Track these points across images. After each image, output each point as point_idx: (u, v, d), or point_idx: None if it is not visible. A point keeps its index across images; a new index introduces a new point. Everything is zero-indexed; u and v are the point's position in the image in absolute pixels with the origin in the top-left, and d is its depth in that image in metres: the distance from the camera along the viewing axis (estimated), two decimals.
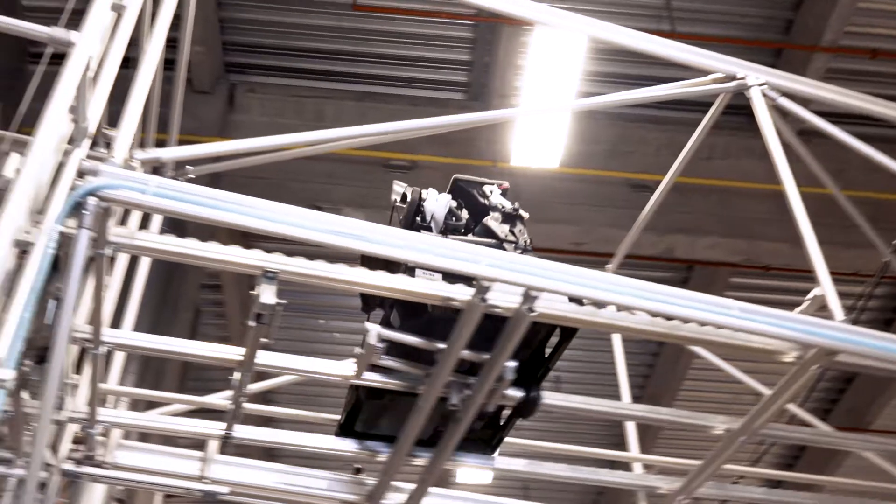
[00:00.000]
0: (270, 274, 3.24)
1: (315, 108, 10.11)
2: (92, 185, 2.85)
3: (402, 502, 4.36)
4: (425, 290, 3.38)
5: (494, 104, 9.78)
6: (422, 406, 3.76)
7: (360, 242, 3.14)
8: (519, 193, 10.13)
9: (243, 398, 3.70)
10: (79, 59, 2.71)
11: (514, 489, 13.21)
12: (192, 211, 2.98)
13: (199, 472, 4.12)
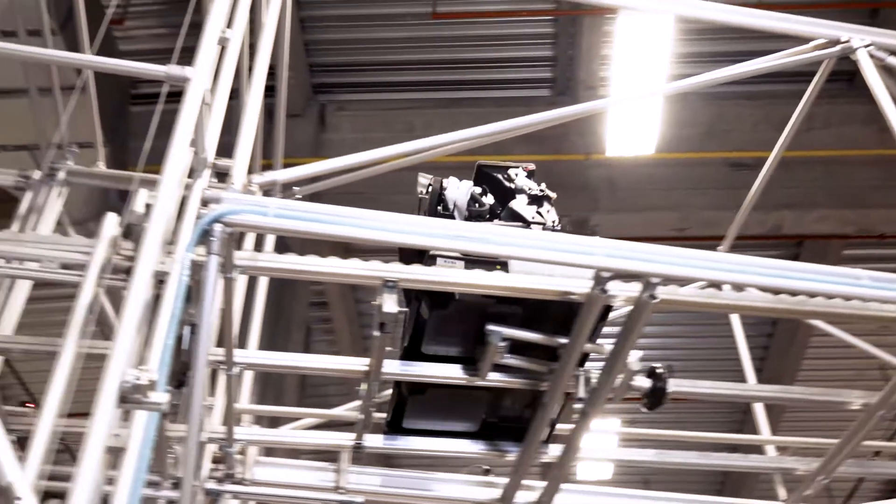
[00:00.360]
0: (391, 283, 3.30)
1: (404, 120, 10.23)
2: (217, 213, 2.97)
3: (534, 500, 4.36)
4: (544, 286, 3.38)
5: (582, 97, 9.72)
6: (547, 402, 3.76)
7: (477, 244, 3.17)
8: (615, 183, 10.10)
9: (373, 407, 3.77)
10: (195, 93, 2.82)
11: (635, 482, 13.07)
12: (313, 228, 3.07)
13: (333, 483, 4.21)
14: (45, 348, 3.79)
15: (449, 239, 3.18)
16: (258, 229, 3.08)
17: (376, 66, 10.31)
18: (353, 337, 12.11)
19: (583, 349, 3.49)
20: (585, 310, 3.31)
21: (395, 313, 3.28)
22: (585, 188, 9.83)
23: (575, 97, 9.81)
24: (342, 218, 3.15)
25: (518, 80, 10.32)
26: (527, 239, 3.28)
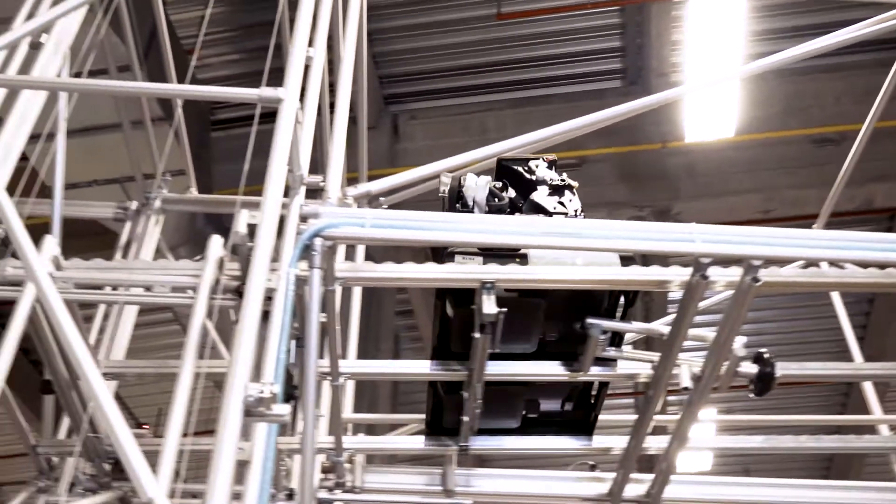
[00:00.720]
0: (489, 285, 3.33)
1: (477, 123, 10.27)
2: (317, 227, 3.04)
3: (643, 494, 4.32)
4: (642, 277, 3.37)
5: (655, 85, 9.61)
6: (653, 397, 3.74)
7: (572, 240, 3.18)
8: (694, 170, 9.94)
9: (477, 409, 3.79)
10: (288, 113, 2.90)
11: (734, 472, 12.82)
12: (409, 236, 3.12)
13: (441, 486, 4.25)
14: (159, 370, 3.93)
15: (542, 236, 3.20)
16: (357, 241, 3.15)
17: (445, 73, 10.37)
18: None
19: (686, 337, 3.46)
20: (687, 298, 3.28)
21: (495, 314, 3.30)
22: (664, 177, 9.71)
23: (647, 86, 9.70)
24: (435, 223, 3.19)
25: (588, 74, 10.26)
26: (622, 230, 3.26)
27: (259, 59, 9.99)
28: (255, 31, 9.48)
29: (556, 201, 3.88)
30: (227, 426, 2.21)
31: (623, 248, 3.22)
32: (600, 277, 3.43)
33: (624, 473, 4.15)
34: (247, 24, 9.57)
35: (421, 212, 3.20)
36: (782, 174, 9.48)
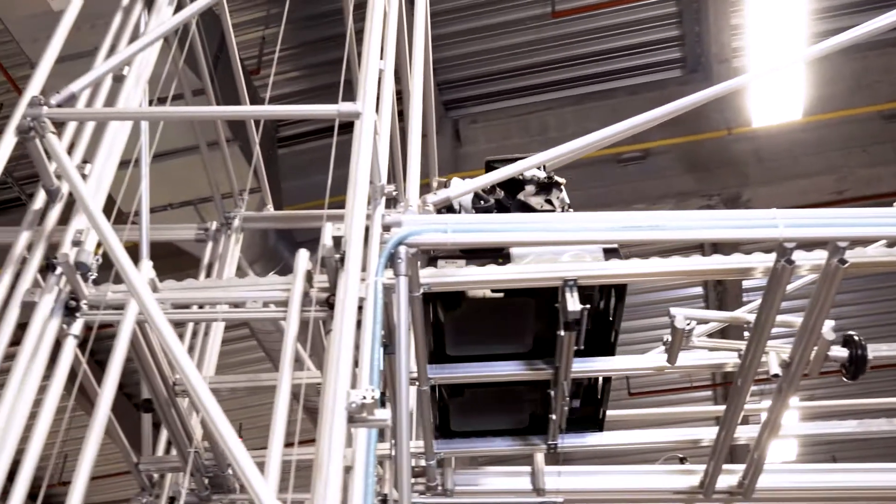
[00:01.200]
0: (571, 282, 3.35)
1: (537, 122, 10.27)
2: (401, 235, 3.10)
3: (735, 484, 4.28)
4: (727, 266, 3.35)
5: (716, 71, 9.48)
6: (742, 386, 3.71)
7: (651, 232, 3.18)
8: (762, 154, 9.78)
9: (565, 405, 3.81)
10: (367, 125, 2.97)
11: (821, 459, 12.56)
12: (491, 238, 3.17)
13: (531, 485, 4.27)
14: (254, 384, 4.04)
15: (623, 231, 3.21)
16: (440, 246, 3.18)
17: (502, 75, 10.39)
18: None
19: (773, 324, 3.43)
20: (774, 283, 3.25)
21: (579, 311, 3.32)
22: (731, 164, 9.57)
23: (708, 73, 9.59)
24: (515, 225, 3.23)
25: (646, 65, 10.18)
26: (703, 220, 3.25)
27: (318, 75, 10.20)
28: (313, 47, 9.64)
29: (544, 199, 3.89)
30: (332, 433, 2.27)
31: (705, 237, 3.22)
32: (681, 269, 3.43)
33: (715, 465, 4.12)
34: (305, 41, 9.73)
35: (500, 214, 3.24)
36: (853, 153, 9.27)
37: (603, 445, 4.19)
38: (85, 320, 3.06)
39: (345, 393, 2.36)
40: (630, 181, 9.92)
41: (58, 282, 2.98)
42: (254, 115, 2.93)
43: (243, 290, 3.18)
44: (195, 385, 2.45)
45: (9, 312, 2.90)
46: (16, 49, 8.26)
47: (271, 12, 9.59)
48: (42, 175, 3.17)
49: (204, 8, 3.53)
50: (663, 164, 9.66)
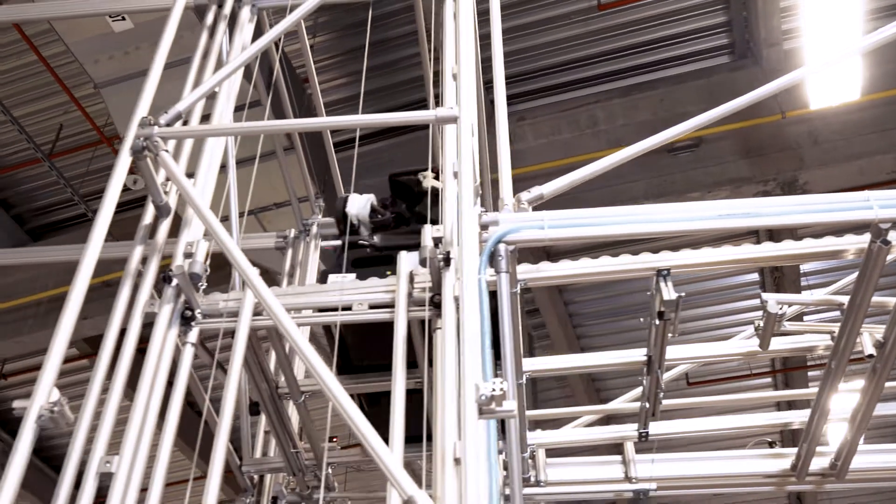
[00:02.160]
0: (665, 272, 3.41)
1: (586, 116, 10.29)
2: (500, 233, 3.19)
3: (826, 466, 4.31)
4: (816, 248, 3.39)
5: (765, 56, 9.44)
6: (836, 368, 3.74)
7: (743, 220, 3.24)
8: (818, 136, 9.71)
9: (661, 392, 3.87)
10: (465, 128, 3.05)
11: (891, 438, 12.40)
12: (586, 232, 3.25)
13: (623, 473, 4.33)
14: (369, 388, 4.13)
15: (718, 219, 3.26)
16: (538, 242, 3.26)
17: (549, 70, 10.42)
18: (568, 339, 12.22)
19: (869, 304, 3.46)
20: (869, 265, 3.28)
21: (675, 300, 3.38)
22: (786, 148, 9.52)
23: (758, 58, 9.54)
24: (610, 218, 3.30)
25: (694, 53, 10.15)
26: (795, 205, 3.29)
27: (368, 80, 10.31)
28: (356, 54, 9.76)
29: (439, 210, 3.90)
30: (467, 425, 2.36)
31: (801, 222, 3.25)
32: (770, 254, 3.47)
33: (808, 447, 4.15)
34: (351, 48, 9.85)
35: (592, 209, 3.31)
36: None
37: (693, 432, 4.24)
38: (200, 328, 3.18)
39: (474, 386, 2.44)
40: (683, 170, 9.90)
41: (175, 293, 3.09)
42: (351, 125, 3.02)
43: (350, 293, 3.28)
44: (331, 386, 2.55)
45: (132, 323, 3.03)
46: (77, 69, 8.50)
47: (319, 21, 9.74)
48: (152, 191, 3.30)
49: (287, 30, 3.64)
50: (717, 151, 9.63)
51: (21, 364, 12.28)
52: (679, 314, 3.55)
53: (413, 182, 4.16)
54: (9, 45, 8.98)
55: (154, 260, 3.21)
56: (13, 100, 9.39)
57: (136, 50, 7.88)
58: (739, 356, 3.88)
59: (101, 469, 2.73)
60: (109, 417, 2.88)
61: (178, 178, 3.09)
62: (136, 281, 3.22)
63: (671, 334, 3.59)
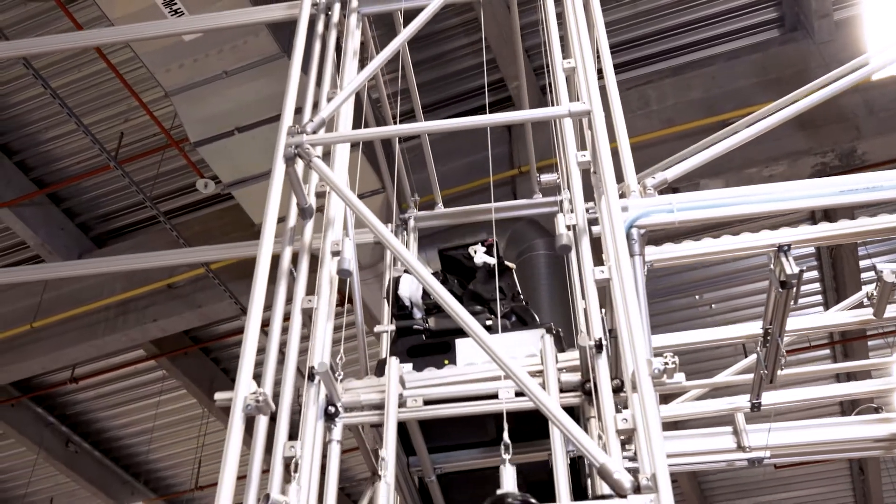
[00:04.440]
0: (785, 247, 3.55)
1: (637, 97, 10.38)
2: (633, 218, 3.35)
3: None
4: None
5: (817, 27, 9.50)
6: None
7: (871, 194, 3.36)
8: (873, 106, 9.73)
9: (782, 360, 3.99)
10: (600, 121, 3.21)
11: None
12: (715, 213, 3.40)
13: (735, 444, 4.49)
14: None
15: (840, 195, 3.40)
16: (667, 226, 3.42)
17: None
18: None
19: None
20: None
21: (798, 273, 3.53)
22: (842, 119, 9.58)
23: (809, 30, 9.61)
24: (736, 198, 3.45)
25: (743, 29, 10.22)
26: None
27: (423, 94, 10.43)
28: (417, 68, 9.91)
29: (493, 288, 3.90)
30: (645, 398, 2.53)
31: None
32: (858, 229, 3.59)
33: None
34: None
35: (720, 189, 3.46)
36: None
37: (804, 400, 4.38)
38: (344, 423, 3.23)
39: (645, 359, 2.61)
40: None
41: (317, 391, 3.10)
42: (478, 125, 3.19)
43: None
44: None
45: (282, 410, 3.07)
46: (144, 74, 8.73)
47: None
48: (298, 195, 3.46)
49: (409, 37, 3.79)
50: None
51: (90, 367, 12.62)
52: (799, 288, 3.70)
53: (464, 256, 4.12)
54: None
55: (304, 259, 3.38)
56: (78, 109, 9.65)
57: (205, 57, 8.10)
58: (854, 324, 4.01)
59: None
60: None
61: (333, 181, 3.26)
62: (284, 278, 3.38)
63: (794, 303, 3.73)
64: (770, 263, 3.60)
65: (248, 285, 10.13)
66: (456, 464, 3.58)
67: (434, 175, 5.60)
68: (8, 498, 14.59)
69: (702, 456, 4.53)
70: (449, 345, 3.58)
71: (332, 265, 3.33)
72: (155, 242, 11.04)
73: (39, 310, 11.22)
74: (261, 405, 2.78)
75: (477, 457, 3.60)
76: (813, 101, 4.22)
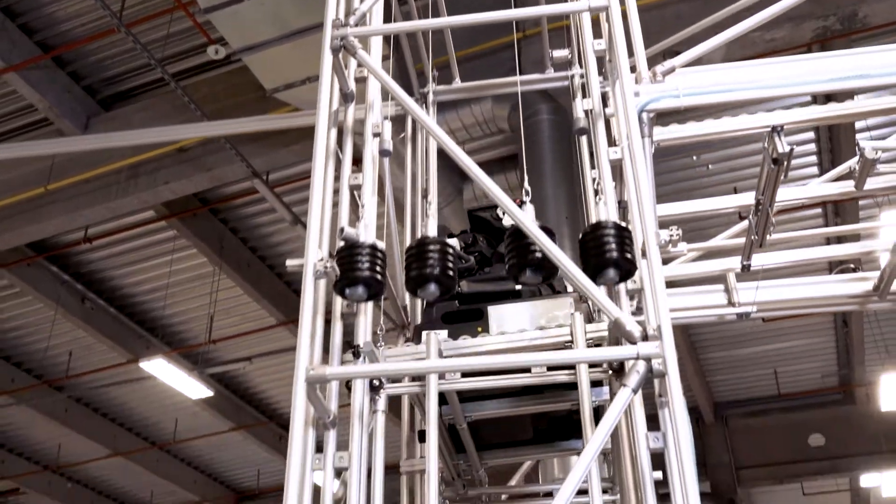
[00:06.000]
0: (779, 128, 3.92)
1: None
2: (642, 103, 3.70)
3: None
4: None
5: None
6: None
7: (860, 81, 3.70)
8: None
9: (772, 227, 4.41)
10: (616, 15, 3.50)
11: None
12: (719, 98, 3.75)
13: (726, 300, 4.97)
14: None
15: (824, 83, 3.73)
16: (675, 110, 3.76)
17: None
18: None
19: None
20: None
21: (788, 151, 3.91)
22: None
23: None
24: (738, 84, 3.78)
25: None
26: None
27: None
28: None
29: None
30: (653, 262, 2.96)
31: None
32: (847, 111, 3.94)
33: (891, 270, 4.74)
34: None
35: (722, 72, 3.78)
36: None
37: (791, 262, 4.84)
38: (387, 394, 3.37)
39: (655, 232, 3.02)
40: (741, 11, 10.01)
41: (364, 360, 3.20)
42: (505, 19, 3.43)
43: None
44: None
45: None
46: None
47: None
48: (341, 82, 3.73)
49: None
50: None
51: (101, 228, 13.02)
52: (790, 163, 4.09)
53: (493, 217, 4.16)
54: None
55: (348, 140, 3.70)
56: None
57: None
58: (839, 194, 4.41)
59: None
60: None
61: (376, 69, 3.56)
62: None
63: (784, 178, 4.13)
64: (764, 142, 3.97)
65: (258, 148, 10.42)
66: (486, 412, 3.81)
67: (451, 48, 5.77)
68: (31, 351, 15.32)
69: (695, 311, 5.02)
70: (482, 311, 3.68)
71: (373, 145, 3.65)
72: (163, 105, 11.22)
73: (52, 172, 11.50)
74: (328, 270, 3.16)
75: (506, 406, 3.77)
76: None
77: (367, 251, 3.13)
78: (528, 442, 4.19)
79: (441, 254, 3.23)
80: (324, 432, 3.11)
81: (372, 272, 3.13)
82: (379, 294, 3.27)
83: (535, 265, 3.21)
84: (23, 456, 18.28)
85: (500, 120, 9.50)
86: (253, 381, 16.62)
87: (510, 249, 3.30)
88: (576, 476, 2.63)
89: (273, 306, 13.96)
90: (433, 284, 3.24)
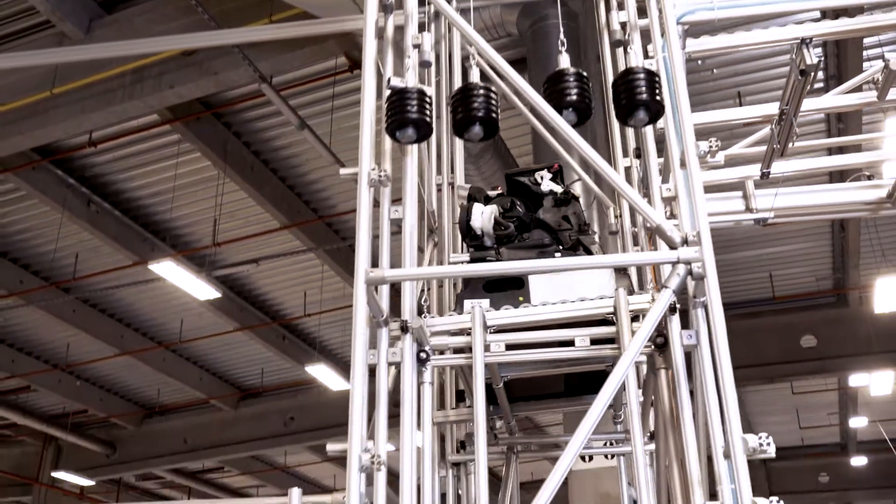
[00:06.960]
0: (808, 40, 4.01)
1: None
2: (679, 15, 3.78)
3: None
4: None
5: None
6: None
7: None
8: None
9: (793, 138, 4.54)
10: None
11: None
12: (754, 10, 3.83)
13: (744, 206, 5.12)
14: None
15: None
16: (710, 22, 3.84)
17: None
18: None
19: None
20: None
21: (816, 63, 4.01)
22: None
23: None
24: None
25: None
26: None
27: None
28: None
29: (561, 217, 3.95)
30: (692, 171, 3.12)
31: None
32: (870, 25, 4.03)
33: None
34: None
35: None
36: None
37: (809, 169, 4.99)
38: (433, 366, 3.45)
39: (695, 143, 3.16)
40: None
41: (411, 340, 3.29)
42: None
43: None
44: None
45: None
46: None
47: None
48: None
49: None
50: None
51: (105, 132, 13.02)
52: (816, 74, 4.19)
53: (531, 181, 4.12)
54: None
55: (389, 51, 3.80)
56: None
57: None
58: (858, 105, 4.53)
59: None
60: None
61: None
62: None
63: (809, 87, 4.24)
64: (792, 54, 4.06)
65: (264, 52, 10.36)
66: (524, 373, 3.88)
67: None
68: (38, 253, 15.50)
69: (714, 217, 5.16)
70: (522, 280, 3.67)
71: (414, 56, 3.75)
72: (166, 7, 11.09)
73: (57, 76, 11.44)
74: (382, 179, 3.31)
75: (540, 367, 3.82)
76: None
77: (415, 94, 3.26)
78: (558, 395, 4.24)
79: (485, 98, 3.38)
80: (377, 330, 3.30)
81: (421, 114, 3.26)
82: (428, 135, 3.42)
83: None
84: (32, 355, 18.67)
85: (510, 25, 9.52)
86: (257, 282, 16.89)
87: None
88: (609, 388, 2.80)
89: (277, 210, 14.09)
90: (477, 126, 3.41)
